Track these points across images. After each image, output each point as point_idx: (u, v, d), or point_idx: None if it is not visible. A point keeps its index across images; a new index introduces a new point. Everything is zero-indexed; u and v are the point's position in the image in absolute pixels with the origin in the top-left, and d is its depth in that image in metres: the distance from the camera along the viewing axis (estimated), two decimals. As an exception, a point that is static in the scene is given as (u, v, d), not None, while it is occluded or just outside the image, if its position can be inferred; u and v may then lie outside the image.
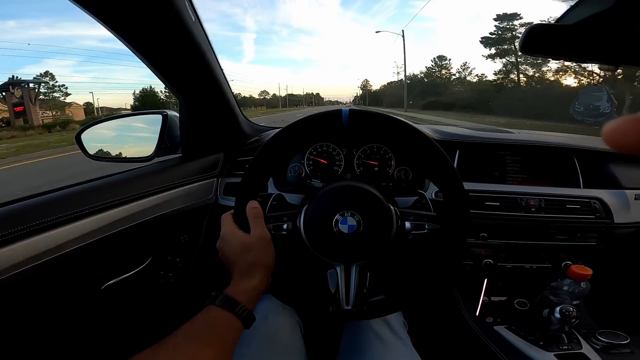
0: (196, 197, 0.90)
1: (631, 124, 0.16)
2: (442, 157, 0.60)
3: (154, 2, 0.57)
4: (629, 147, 0.16)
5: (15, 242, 0.52)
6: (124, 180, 0.75)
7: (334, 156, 0.94)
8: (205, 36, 0.73)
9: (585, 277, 0.76)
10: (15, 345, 0.60)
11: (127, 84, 74.84)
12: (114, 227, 0.68)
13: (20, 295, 0.56)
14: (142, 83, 62.34)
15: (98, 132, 0.96)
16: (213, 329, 0.48)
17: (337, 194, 0.61)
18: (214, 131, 0.96)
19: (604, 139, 0.16)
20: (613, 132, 0.16)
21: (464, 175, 0.89)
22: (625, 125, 0.16)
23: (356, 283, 0.60)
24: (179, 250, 0.92)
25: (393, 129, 0.63)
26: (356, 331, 0.73)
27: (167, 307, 0.91)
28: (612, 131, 0.16)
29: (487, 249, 0.87)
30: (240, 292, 0.53)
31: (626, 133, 0.16)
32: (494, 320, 0.90)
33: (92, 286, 0.72)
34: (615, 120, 0.16)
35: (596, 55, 0.49)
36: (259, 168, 0.62)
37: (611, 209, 0.86)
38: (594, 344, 0.76)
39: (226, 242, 0.59)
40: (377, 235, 0.59)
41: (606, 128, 0.16)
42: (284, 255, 0.61)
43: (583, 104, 0.72)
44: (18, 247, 0.52)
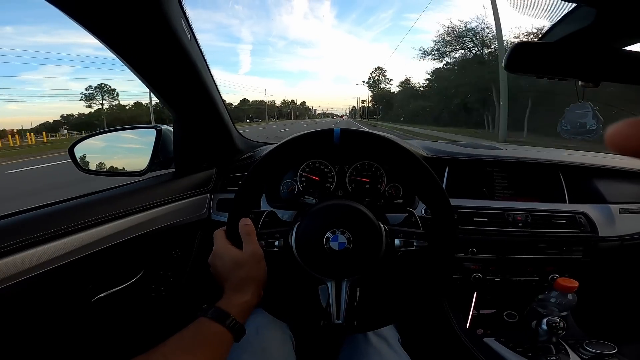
0: (189, 212, 0.90)
1: (634, 127, 0.16)
2: (429, 175, 0.61)
3: (151, 21, 0.59)
4: (632, 150, 0.16)
5: (6, 256, 0.53)
6: (117, 196, 0.75)
7: (326, 173, 0.95)
8: (200, 53, 0.74)
9: (572, 289, 0.78)
10: (6, 357, 0.59)
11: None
12: (106, 242, 0.68)
13: (10, 309, 0.56)
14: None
15: (92, 145, 0.96)
16: (203, 341, 0.48)
17: (328, 212, 0.62)
18: (208, 147, 0.97)
19: (607, 143, 0.16)
20: (616, 136, 0.16)
21: (453, 191, 0.92)
22: (628, 128, 0.16)
23: (347, 298, 0.61)
24: (170, 265, 0.92)
25: (382, 148, 0.64)
26: (354, 347, 0.73)
27: (158, 320, 0.91)
28: (615, 134, 0.16)
29: (476, 263, 0.88)
30: (231, 305, 0.53)
31: (629, 136, 0.16)
32: (484, 332, 0.91)
33: (83, 299, 0.71)
34: (618, 124, 0.16)
35: (578, 72, 0.52)
36: (252, 185, 0.63)
37: (596, 223, 0.89)
38: (582, 354, 0.77)
39: (219, 258, 0.59)
40: (367, 252, 0.60)
41: (609, 131, 0.16)
42: (275, 270, 0.62)
43: (570, 122, 0.74)
44: (9, 261, 0.53)
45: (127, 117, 54.21)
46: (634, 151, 0.16)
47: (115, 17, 0.56)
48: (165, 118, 25.91)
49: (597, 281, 0.94)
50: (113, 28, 0.59)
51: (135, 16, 0.57)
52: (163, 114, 32.38)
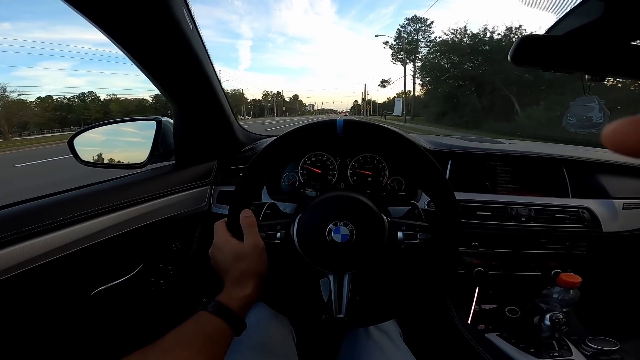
0: (189, 204, 0.90)
1: (631, 126, 0.15)
2: (434, 168, 0.60)
3: (153, 9, 0.58)
4: (629, 149, 0.15)
5: (3, 248, 0.52)
6: (117, 187, 0.74)
7: (327, 165, 0.94)
8: (202, 44, 0.73)
9: (575, 284, 0.78)
10: (2, 351, 0.59)
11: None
12: (105, 234, 0.68)
13: (7, 301, 0.56)
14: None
15: (91, 137, 0.95)
16: (203, 335, 0.47)
17: (331, 204, 0.62)
18: (208, 139, 0.96)
19: (604, 141, 0.16)
20: (613, 134, 0.16)
21: (456, 185, 0.92)
22: (625, 126, 0.15)
23: (348, 292, 0.60)
24: (170, 258, 0.92)
25: (386, 140, 0.63)
26: (356, 341, 0.72)
27: (157, 314, 0.90)
28: (612, 133, 0.16)
29: (479, 257, 0.88)
30: (232, 299, 0.53)
31: (626, 135, 0.15)
32: (486, 327, 0.91)
33: (81, 292, 0.71)
34: (615, 122, 0.16)
35: (584, 66, 0.51)
36: (253, 177, 0.62)
37: (599, 218, 0.88)
38: (584, 351, 0.77)
39: (219, 250, 0.58)
40: (370, 245, 0.59)
41: (606, 130, 0.16)
42: (277, 263, 0.61)
43: (575, 116, 0.73)
44: (6, 253, 0.52)
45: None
46: (631, 150, 0.15)
47: (116, 5, 0.55)
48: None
49: (600, 277, 0.94)
50: (114, 17, 0.57)
51: (138, 5, 0.56)
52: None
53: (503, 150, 0.98)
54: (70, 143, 0.89)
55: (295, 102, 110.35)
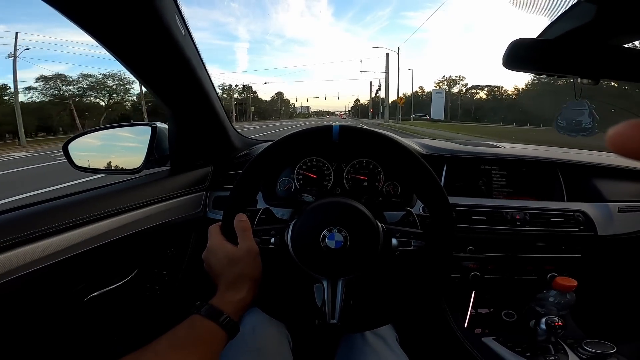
0: (184, 210, 0.89)
1: (636, 129, 0.15)
2: (428, 174, 0.60)
3: (143, 15, 0.58)
4: (633, 152, 0.15)
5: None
6: (112, 193, 0.74)
7: (323, 171, 0.94)
8: (195, 49, 0.73)
9: (570, 288, 0.78)
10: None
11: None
12: (100, 240, 0.67)
13: (1, 307, 0.55)
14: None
15: (86, 142, 0.95)
16: (197, 338, 0.47)
17: (325, 210, 0.61)
18: (204, 144, 0.96)
19: (608, 144, 0.16)
20: (617, 137, 0.15)
21: (451, 189, 0.92)
22: (629, 129, 0.15)
23: (342, 297, 0.60)
24: (165, 263, 0.91)
25: (381, 146, 0.63)
26: (352, 345, 0.72)
27: (152, 320, 0.90)
28: (616, 136, 0.15)
29: (475, 261, 0.88)
30: (225, 303, 0.53)
31: (630, 138, 0.15)
32: (482, 331, 0.91)
33: (75, 298, 0.70)
34: (620, 125, 0.15)
35: (577, 69, 0.51)
36: (248, 182, 0.62)
37: (594, 222, 0.88)
38: (581, 354, 0.77)
39: (213, 254, 0.58)
40: (364, 251, 0.59)
41: (610, 133, 0.16)
42: (271, 268, 0.61)
43: (565, 119, 0.74)
44: (1, 258, 0.52)
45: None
46: (635, 153, 0.15)
47: (107, 12, 0.55)
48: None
49: (595, 280, 0.94)
50: (105, 24, 0.57)
51: (128, 11, 0.56)
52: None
53: (498, 154, 0.98)
54: (64, 148, 0.89)
55: (276, 103, 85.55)
